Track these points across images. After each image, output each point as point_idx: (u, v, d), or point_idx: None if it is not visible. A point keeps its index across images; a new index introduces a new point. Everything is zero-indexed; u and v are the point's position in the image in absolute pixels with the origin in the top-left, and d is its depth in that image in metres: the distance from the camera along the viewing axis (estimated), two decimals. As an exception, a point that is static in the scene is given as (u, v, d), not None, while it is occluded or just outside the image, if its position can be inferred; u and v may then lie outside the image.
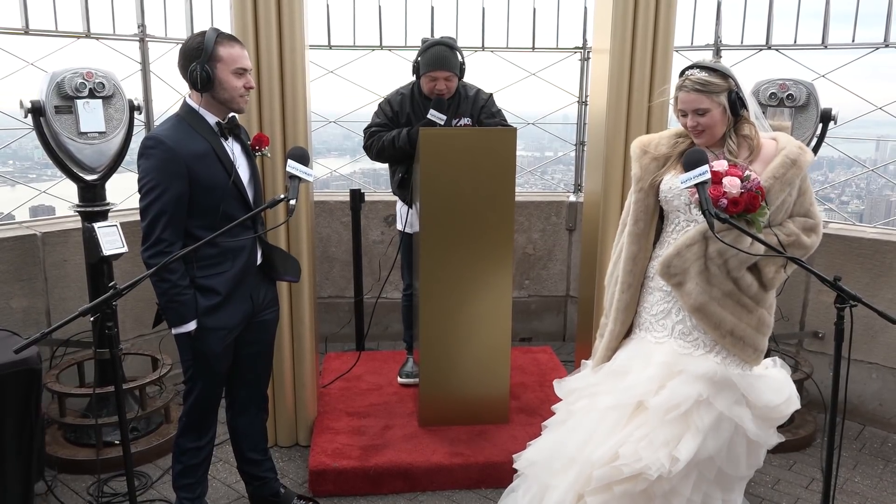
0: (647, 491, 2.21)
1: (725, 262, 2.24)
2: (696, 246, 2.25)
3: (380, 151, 3.61)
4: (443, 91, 3.49)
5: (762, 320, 2.31)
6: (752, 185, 2.13)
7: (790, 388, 2.39)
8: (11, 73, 3.75)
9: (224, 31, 2.45)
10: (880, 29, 3.92)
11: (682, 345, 2.32)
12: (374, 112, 3.72)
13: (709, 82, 2.24)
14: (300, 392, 3.49)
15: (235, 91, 2.44)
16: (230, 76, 2.42)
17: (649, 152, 2.40)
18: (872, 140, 4.84)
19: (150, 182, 2.37)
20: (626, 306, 2.43)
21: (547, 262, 4.92)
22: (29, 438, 2.79)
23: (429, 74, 3.47)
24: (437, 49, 3.46)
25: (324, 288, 4.77)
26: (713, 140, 2.31)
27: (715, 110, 2.25)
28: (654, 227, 2.41)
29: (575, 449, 2.32)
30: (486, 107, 3.68)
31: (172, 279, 2.38)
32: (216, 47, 2.38)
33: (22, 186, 4.19)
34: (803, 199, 2.29)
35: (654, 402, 2.23)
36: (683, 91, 2.27)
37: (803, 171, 2.25)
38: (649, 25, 3.42)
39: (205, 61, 2.37)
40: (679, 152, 2.37)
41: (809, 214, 2.30)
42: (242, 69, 2.44)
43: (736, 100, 2.26)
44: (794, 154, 2.24)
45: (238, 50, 2.44)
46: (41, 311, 3.69)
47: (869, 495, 3.24)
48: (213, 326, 2.50)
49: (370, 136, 3.64)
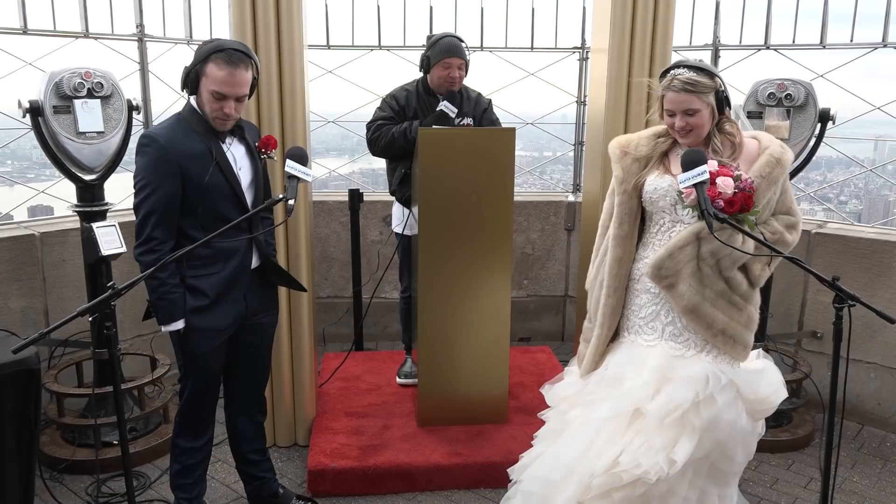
0: (646, 494, 2.21)
1: (718, 262, 2.23)
2: (689, 247, 2.24)
3: (388, 144, 3.59)
4: (456, 78, 3.54)
5: (750, 317, 2.32)
6: (745, 184, 2.13)
7: (778, 380, 2.39)
8: (10, 73, 3.75)
9: (233, 50, 2.36)
10: (878, 29, 3.93)
11: (674, 346, 2.31)
12: (378, 107, 3.72)
13: (698, 82, 2.20)
14: (299, 392, 3.49)
15: (210, 111, 2.40)
16: (207, 94, 2.38)
17: (629, 153, 2.37)
18: (871, 140, 4.84)
19: (142, 180, 2.38)
20: (612, 310, 2.41)
21: (546, 261, 4.92)
22: (28, 439, 2.78)
23: (444, 61, 3.52)
24: (449, 39, 3.55)
25: (322, 288, 4.76)
26: (698, 140, 2.28)
27: (704, 111, 2.23)
28: (636, 228, 2.39)
29: (574, 460, 2.30)
30: (487, 112, 3.74)
31: (162, 277, 2.38)
32: (208, 61, 2.35)
33: (20, 186, 4.18)
34: (785, 197, 2.30)
35: (651, 408, 2.23)
36: (672, 91, 2.22)
37: (786, 169, 2.26)
38: (648, 25, 3.42)
39: (194, 67, 2.37)
40: (660, 153, 2.36)
41: (791, 212, 2.31)
42: (220, 94, 2.35)
43: (722, 98, 2.25)
44: (777, 153, 2.25)
45: (224, 74, 2.33)
46: (39, 312, 3.69)
47: (867, 494, 3.25)
48: (201, 326, 2.49)
49: (376, 129, 3.62)
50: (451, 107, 3.50)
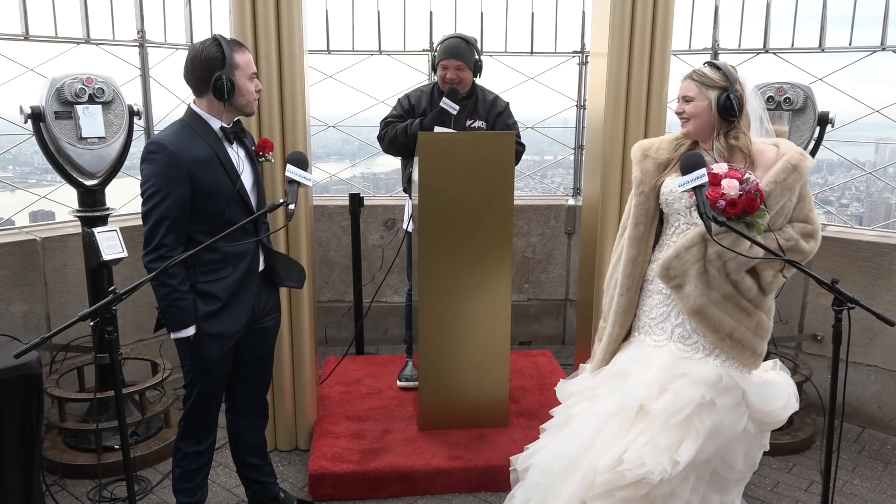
0: (648, 495, 2.22)
1: (724, 265, 2.24)
2: (696, 248, 2.26)
3: (391, 141, 3.65)
4: (454, 80, 3.54)
5: (761, 324, 2.31)
6: (751, 186, 2.14)
7: (788, 393, 2.39)
8: (11, 79, 3.76)
9: (229, 39, 2.48)
10: (877, 32, 3.94)
11: (682, 348, 2.32)
12: (393, 106, 3.79)
13: (705, 75, 2.30)
14: (300, 396, 3.49)
15: (251, 95, 2.51)
16: (246, 82, 2.47)
17: (650, 156, 2.41)
18: (872, 143, 4.85)
19: (152, 187, 2.38)
20: (625, 309, 2.44)
21: (546, 265, 4.93)
22: (30, 444, 2.79)
23: (441, 63, 3.55)
24: (451, 40, 3.56)
25: (323, 292, 4.77)
26: (698, 132, 2.33)
27: (700, 101, 2.29)
28: (654, 230, 2.42)
29: (577, 454, 2.31)
30: (502, 115, 3.70)
31: (173, 284, 2.39)
32: (233, 55, 2.42)
33: (22, 192, 4.20)
34: (803, 205, 2.30)
35: (656, 407, 2.23)
36: (683, 78, 2.35)
37: (804, 176, 2.26)
38: (647, 29, 3.43)
39: (224, 71, 2.40)
40: (680, 155, 2.38)
41: (808, 220, 2.30)
42: (255, 73, 2.52)
43: (728, 102, 2.26)
44: (795, 160, 2.25)
45: (249, 55, 2.51)
46: (41, 316, 3.70)
47: (868, 497, 3.24)
48: (212, 332, 2.50)
49: (384, 125, 3.70)
50: (451, 104, 3.49)
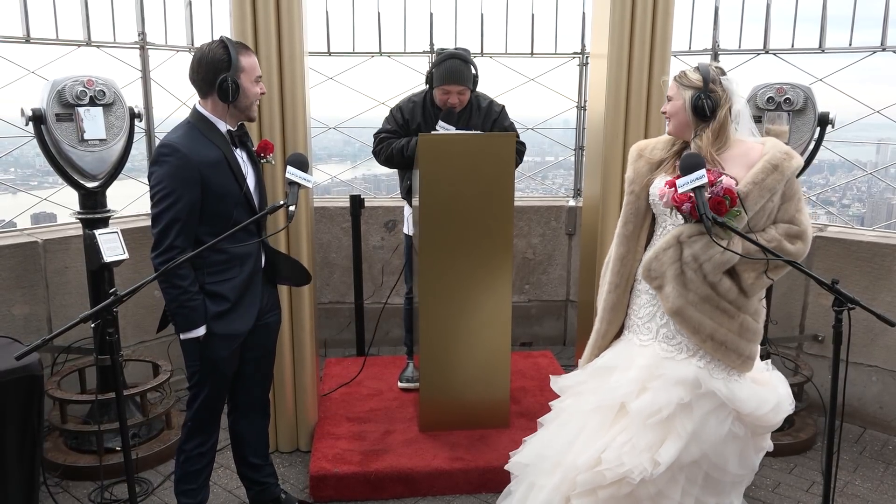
0: (633, 494, 2.22)
1: (700, 267, 2.22)
2: (672, 250, 2.25)
3: (388, 158, 3.62)
4: (455, 104, 3.52)
5: (745, 326, 2.28)
6: (719, 189, 2.12)
7: (778, 396, 2.36)
8: (12, 82, 3.77)
9: (234, 41, 2.48)
10: (877, 32, 3.94)
11: (666, 348, 2.32)
12: (385, 118, 3.73)
13: (685, 75, 2.31)
14: (301, 397, 3.49)
15: (255, 98, 2.52)
16: (251, 85, 2.48)
17: (644, 156, 2.41)
18: (873, 143, 4.85)
19: (164, 189, 2.39)
20: (612, 306, 2.44)
21: (547, 266, 4.93)
22: (31, 446, 2.79)
23: (442, 87, 3.49)
24: (451, 62, 3.47)
25: (324, 294, 4.77)
26: (677, 131, 2.35)
27: (677, 101, 2.31)
28: (645, 229, 2.41)
29: (560, 450, 2.34)
30: (498, 120, 3.68)
31: (183, 285, 2.40)
32: (239, 58, 2.43)
33: (23, 194, 4.21)
34: (788, 206, 2.25)
35: (634, 407, 2.24)
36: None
37: (786, 176, 2.21)
38: (647, 30, 3.43)
39: (228, 74, 2.40)
40: (674, 153, 2.38)
41: (794, 221, 2.25)
42: (259, 77, 2.54)
43: (699, 102, 2.25)
44: (776, 160, 2.21)
45: (254, 58, 2.53)
46: (42, 318, 3.70)
47: (869, 498, 3.24)
48: (221, 332, 2.52)
49: (379, 141, 3.66)
50: (448, 126, 3.50)
